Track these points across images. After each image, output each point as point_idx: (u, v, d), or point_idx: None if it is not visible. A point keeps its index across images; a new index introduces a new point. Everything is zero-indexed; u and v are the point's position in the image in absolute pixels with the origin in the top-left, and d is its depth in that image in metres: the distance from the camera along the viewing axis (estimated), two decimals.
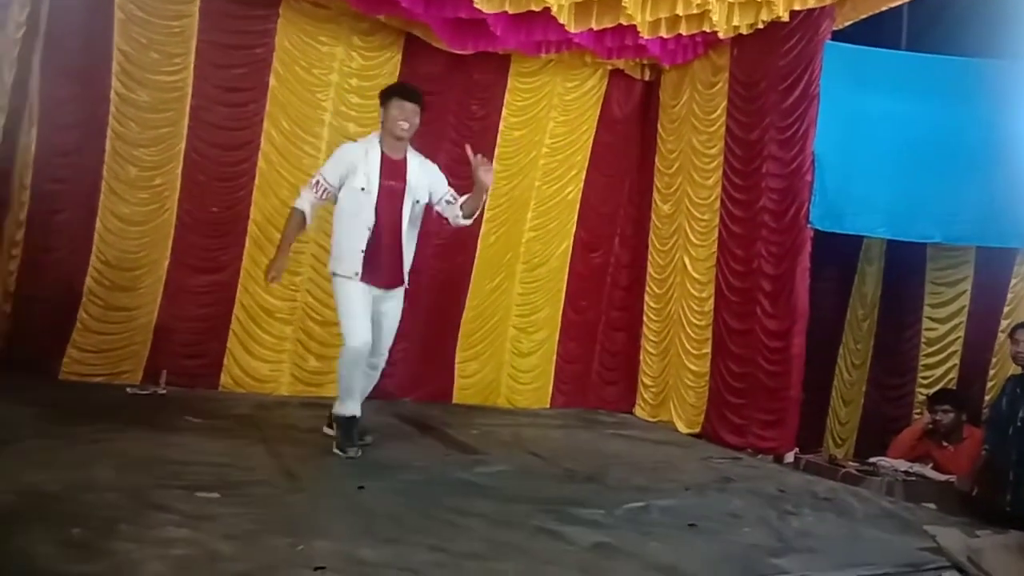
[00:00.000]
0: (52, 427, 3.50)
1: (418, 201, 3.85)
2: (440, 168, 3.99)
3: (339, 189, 3.75)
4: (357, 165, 3.72)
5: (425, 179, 3.86)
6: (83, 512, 2.43)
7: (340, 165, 3.75)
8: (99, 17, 4.69)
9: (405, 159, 3.83)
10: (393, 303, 3.87)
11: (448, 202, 3.88)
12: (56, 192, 4.63)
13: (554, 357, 6.12)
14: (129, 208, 4.85)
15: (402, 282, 3.87)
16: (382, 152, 3.78)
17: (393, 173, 3.77)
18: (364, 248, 3.68)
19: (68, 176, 4.66)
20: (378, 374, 3.99)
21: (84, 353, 4.73)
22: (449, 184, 3.93)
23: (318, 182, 3.77)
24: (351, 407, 3.75)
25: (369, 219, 3.69)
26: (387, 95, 3.82)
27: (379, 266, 3.73)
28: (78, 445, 3.26)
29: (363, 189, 3.69)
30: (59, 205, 4.65)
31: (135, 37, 4.78)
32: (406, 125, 3.75)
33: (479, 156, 3.72)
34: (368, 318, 3.69)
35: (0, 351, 4.48)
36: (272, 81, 5.15)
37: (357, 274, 3.66)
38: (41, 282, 4.60)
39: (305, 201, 3.77)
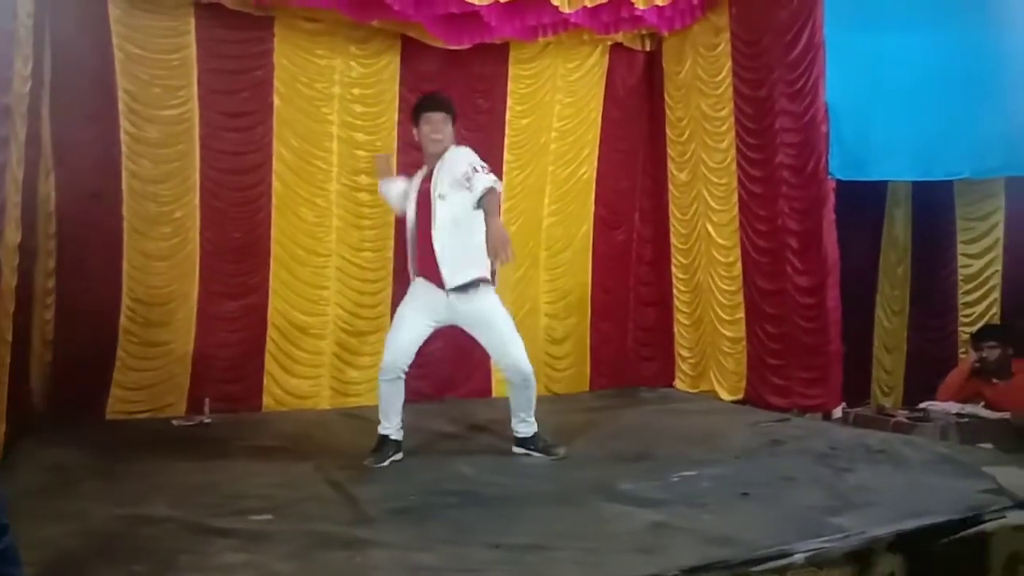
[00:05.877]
0: (104, 466, 3.56)
1: (441, 195, 3.76)
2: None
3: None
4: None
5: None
6: (143, 547, 2.48)
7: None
8: (100, 59, 4.72)
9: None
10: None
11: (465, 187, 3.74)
12: (81, 237, 4.69)
13: (588, 340, 6.08)
14: (153, 244, 4.90)
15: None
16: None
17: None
18: None
19: (90, 220, 4.71)
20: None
21: (127, 391, 4.79)
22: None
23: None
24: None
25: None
26: (415, 112, 3.92)
27: None
28: (131, 481, 3.32)
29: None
30: (85, 250, 4.71)
31: (137, 75, 4.81)
32: (438, 137, 3.84)
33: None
34: None
35: (46, 397, 4.57)
36: (276, 101, 5.16)
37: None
38: (77, 326, 4.66)
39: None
